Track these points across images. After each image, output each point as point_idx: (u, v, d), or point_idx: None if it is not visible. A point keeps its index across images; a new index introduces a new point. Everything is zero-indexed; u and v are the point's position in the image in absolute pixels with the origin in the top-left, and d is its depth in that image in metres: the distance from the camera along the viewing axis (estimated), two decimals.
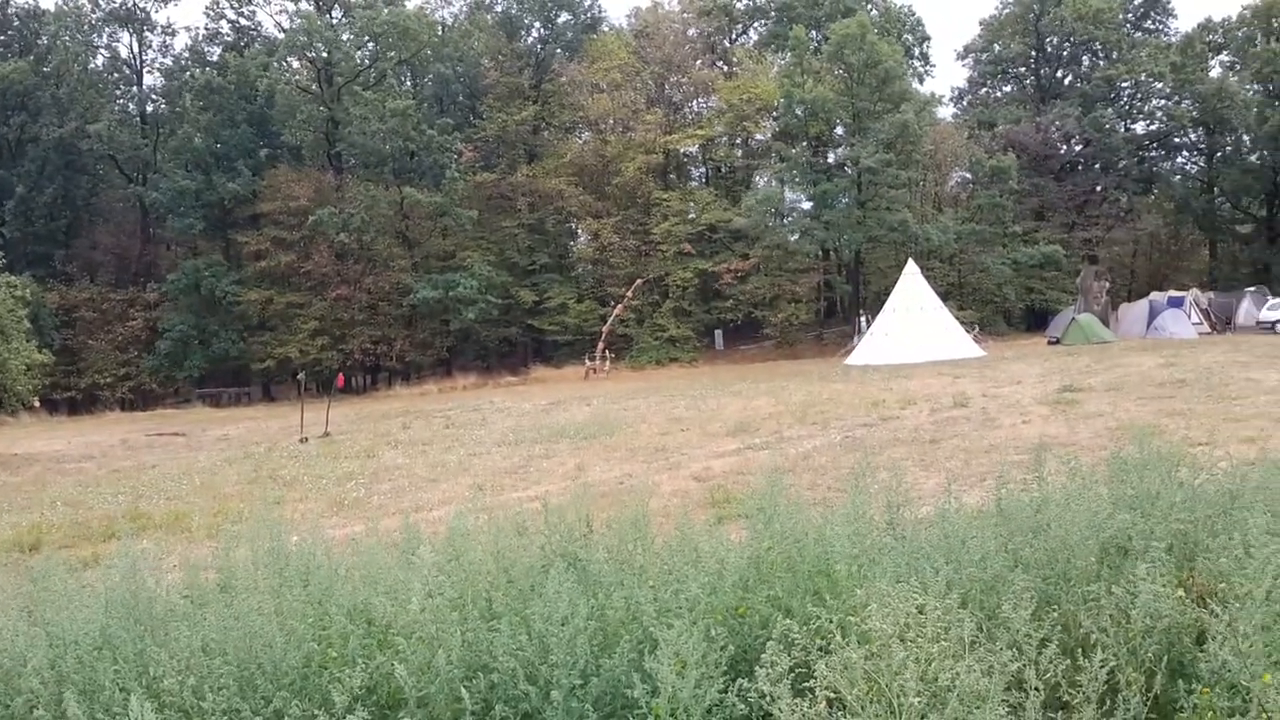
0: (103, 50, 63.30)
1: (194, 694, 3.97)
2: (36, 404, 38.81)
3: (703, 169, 71.24)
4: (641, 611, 4.28)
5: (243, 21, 60.63)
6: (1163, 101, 69.74)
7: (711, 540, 5.24)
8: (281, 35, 57.01)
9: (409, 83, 63.52)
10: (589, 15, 67.34)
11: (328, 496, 15.33)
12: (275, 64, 54.59)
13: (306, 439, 24.23)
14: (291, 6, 57.27)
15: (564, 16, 66.08)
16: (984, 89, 77.07)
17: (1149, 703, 3.77)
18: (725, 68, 67.44)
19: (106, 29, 62.10)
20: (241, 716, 3.94)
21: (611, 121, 62.10)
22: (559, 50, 65.08)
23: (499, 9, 65.44)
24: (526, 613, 4.34)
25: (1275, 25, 65.08)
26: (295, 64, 57.98)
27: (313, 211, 51.40)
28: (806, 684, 3.56)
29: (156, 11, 61.79)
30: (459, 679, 4.02)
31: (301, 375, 36.63)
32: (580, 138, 66.67)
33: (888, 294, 45.09)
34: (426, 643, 4.20)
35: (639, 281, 55.47)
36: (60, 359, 47.72)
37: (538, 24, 66.06)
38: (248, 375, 59.22)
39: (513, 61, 63.38)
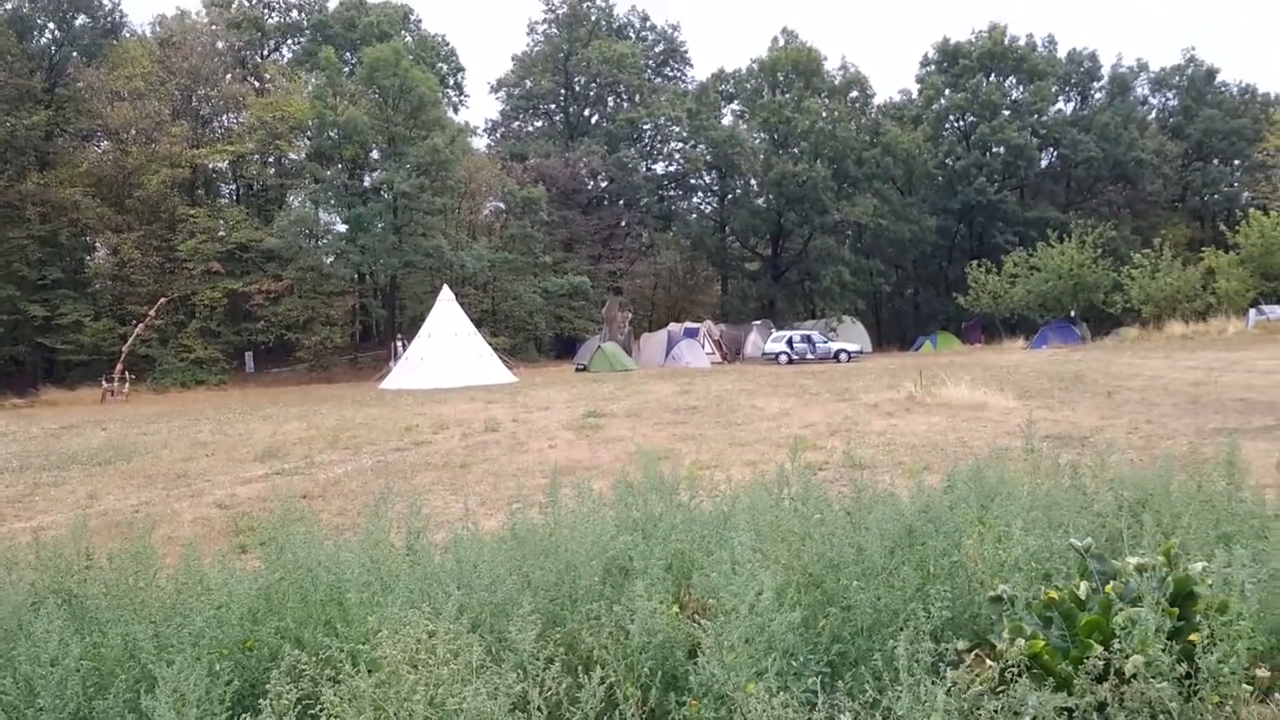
0: None
1: None
2: None
3: (233, 186, 68.38)
4: (140, 649, 4.15)
5: None
6: (680, 145, 75.27)
7: (222, 571, 5.11)
8: None
9: None
10: (109, 20, 62.87)
11: None
12: None
13: None
14: None
15: (81, 19, 61.38)
16: (516, 122, 79.70)
17: (645, 716, 3.97)
18: (257, 84, 65.48)
19: None
20: None
21: (134, 132, 58.27)
22: (75, 54, 60.31)
23: (9, 6, 59.46)
24: (12, 654, 4.12)
25: (780, 79, 71.58)
26: None
27: None
28: (314, 714, 3.54)
29: None
30: None
31: None
32: (99, 147, 62.14)
33: (423, 319, 45.23)
34: None
35: (163, 300, 52.42)
36: None
37: (51, 24, 60.91)
38: None
39: (23, 63, 57.91)
